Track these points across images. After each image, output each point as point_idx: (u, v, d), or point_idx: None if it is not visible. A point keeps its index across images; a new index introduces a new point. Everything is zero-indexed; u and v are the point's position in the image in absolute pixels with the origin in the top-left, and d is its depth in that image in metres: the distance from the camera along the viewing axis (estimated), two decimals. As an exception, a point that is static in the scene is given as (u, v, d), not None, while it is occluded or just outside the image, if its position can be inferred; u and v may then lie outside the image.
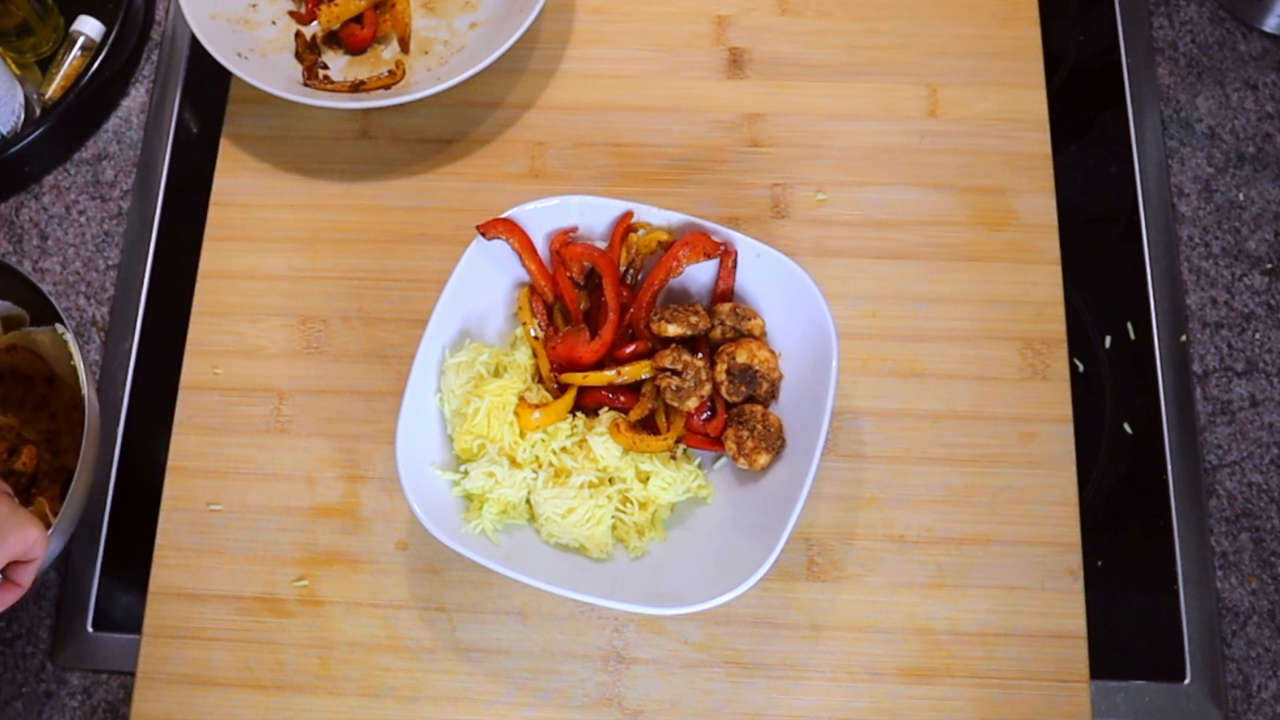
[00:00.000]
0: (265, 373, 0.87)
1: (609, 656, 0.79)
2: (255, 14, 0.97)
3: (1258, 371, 0.87)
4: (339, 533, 0.82)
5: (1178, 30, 0.99)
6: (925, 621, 0.79)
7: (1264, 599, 0.81)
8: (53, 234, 0.94)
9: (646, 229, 0.81)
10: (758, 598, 0.79)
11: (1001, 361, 0.85)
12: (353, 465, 0.84)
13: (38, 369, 0.83)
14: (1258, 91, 0.96)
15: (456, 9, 0.98)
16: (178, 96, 0.99)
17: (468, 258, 0.78)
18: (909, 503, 0.82)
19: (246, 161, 0.94)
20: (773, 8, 0.98)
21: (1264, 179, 0.93)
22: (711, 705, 0.78)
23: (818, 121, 0.94)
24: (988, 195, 0.90)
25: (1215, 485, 0.84)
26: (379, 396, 0.86)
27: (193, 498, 0.84)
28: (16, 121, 0.95)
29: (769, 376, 0.78)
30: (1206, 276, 0.90)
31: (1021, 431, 0.83)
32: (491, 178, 0.93)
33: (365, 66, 0.96)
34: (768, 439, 0.76)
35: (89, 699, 0.81)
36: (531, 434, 0.77)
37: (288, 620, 0.80)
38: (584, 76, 0.96)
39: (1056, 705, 0.77)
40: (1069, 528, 0.81)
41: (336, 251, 0.91)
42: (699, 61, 0.96)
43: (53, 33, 0.99)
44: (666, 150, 0.93)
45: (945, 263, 0.88)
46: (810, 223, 0.90)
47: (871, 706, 0.77)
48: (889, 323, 0.87)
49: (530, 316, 0.81)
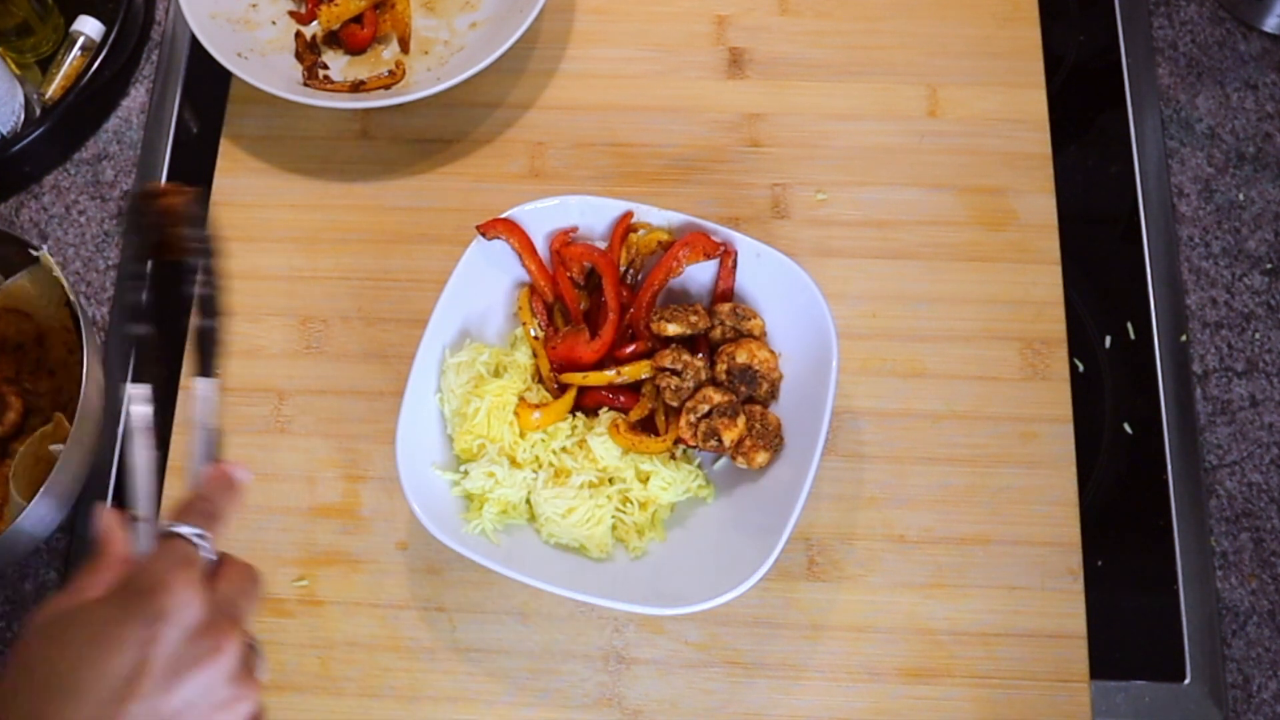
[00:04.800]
0: (265, 373, 0.87)
1: (609, 656, 0.79)
2: (255, 14, 0.97)
3: (1258, 371, 0.87)
4: (339, 533, 0.82)
5: (1178, 30, 0.99)
6: (925, 621, 0.79)
7: (1264, 599, 0.81)
8: (53, 234, 0.94)
9: (646, 229, 0.81)
10: (758, 598, 0.79)
11: (1001, 361, 0.85)
12: (353, 465, 0.84)
13: (25, 330, 0.83)
14: (1258, 91, 0.96)
15: (456, 9, 0.98)
16: (178, 96, 0.99)
17: (468, 258, 0.78)
18: (909, 503, 0.82)
19: (246, 161, 0.94)
20: (773, 8, 0.98)
21: (1264, 179, 0.93)
22: (711, 705, 0.78)
23: (818, 121, 0.94)
24: (988, 195, 0.90)
25: (1215, 485, 0.84)
26: (379, 396, 0.86)
27: (193, 498, 0.83)
28: (16, 121, 0.95)
29: (769, 376, 0.78)
30: (1206, 276, 0.90)
31: (1021, 431, 0.83)
32: (491, 178, 0.93)
33: (365, 66, 0.96)
34: (766, 437, 0.76)
35: (89, 699, 0.81)
36: (531, 434, 0.77)
37: (288, 620, 0.80)
38: (584, 76, 0.96)
39: (1056, 705, 0.77)
40: (1069, 528, 0.81)
41: (336, 251, 0.91)
42: (699, 61, 0.96)
43: (53, 33, 0.99)
44: (666, 150, 0.93)
45: (945, 263, 0.88)
46: (810, 223, 0.90)
47: (871, 706, 0.77)
48: (889, 323, 0.87)
49: (530, 316, 0.81)
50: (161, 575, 0.49)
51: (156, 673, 0.46)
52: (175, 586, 0.48)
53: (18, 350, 0.84)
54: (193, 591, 0.49)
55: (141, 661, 0.46)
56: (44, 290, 0.83)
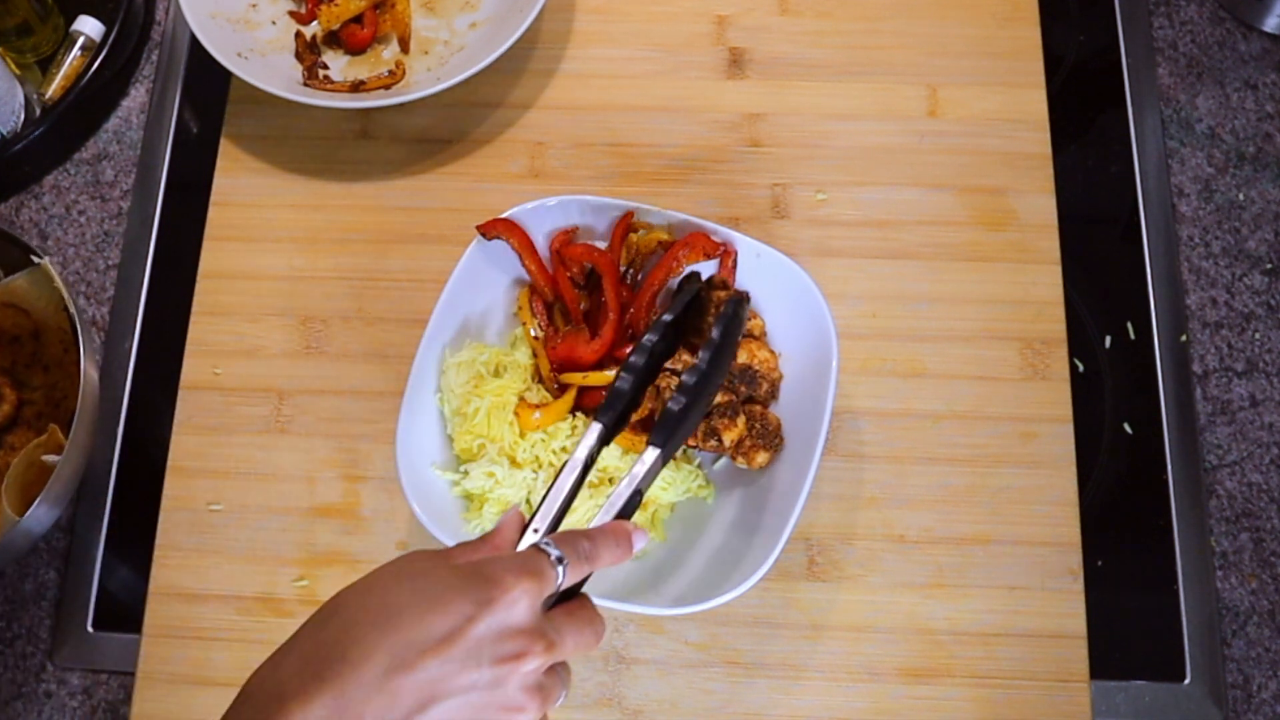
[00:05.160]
0: (265, 373, 0.87)
1: (609, 656, 0.79)
2: (255, 14, 0.97)
3: (1258, 371, 0.87)
4: (339, 533, 0.82)
5: (1178, 30, 0.99)
6: (925, 621, 0.79)
7: (1264, 599, 0.81)
8: (53, 234, 0.94)
9: (646, 229, 0.81)
10: (758, 598, 0.79)
11: (1001, 361, 0.85)
12: (353, 465, 0.84)
13: (22, 325, 0.84)
14: (1258, 91, 0.96)
15: (456, 9, 0.98)
16: (178, 96, 0.99)
17: (468, 258, 0.78)
18: (909, 503, 0.82)
19: (246, 161, 0.94)
20: (773, 8, 0.98)
21: (1264, 179, 0.93)
22: (711, 705, 0.78)
23: (818, 121, 0.94)
24: (988, 195, 0.90)
25: (1215, 485, 0.84)
26: (379, 396, 0.86)
27: (193, 498, 0.84)
28: (16, 121, 0.95)
29: (769, 376, 0.78)
30: (1206, 276, 0.90)
31: (1021, 431, 0.83)
32: (491, 178, 0.93)
33: (365, 66, 0.96)
34: (766, 437, 0.76)
35: (89, 699, 0.81)
36: (531, 434, 0.77)
37: (288, 620, 0.80)
38: (584, 76, 0.96)
39: (1056, 705, 0.77)
40: (1069, 528, 0.81)
41: (336, 251, 0.91)
42: (699, 61, 0.96)
43: (53, 33, 0.99)
44: (666, 150, 0.93)
45: (945, 263, 0.88)
46: (810, 223, 0.90)
47: (871, 706, 0.77)
48: (889, 323, 0.87)
49: (530, 316, 0.81)
50: (505, 573, 0.52)
51: (463, 646, 0.50)
52: (511, 587, 0.52)
53: (14, 344, 0.84)
54: (525, 598, 0.52)
55: (456, 631, 0.50)
56: (43, 292, 0.83)
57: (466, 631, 0.50)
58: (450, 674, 0.49)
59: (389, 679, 0.49)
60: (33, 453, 0.77)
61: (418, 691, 0.49)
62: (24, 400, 0.84)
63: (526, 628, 0.52)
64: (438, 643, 0.49)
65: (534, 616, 0.52)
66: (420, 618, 0.50)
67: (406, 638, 0.49)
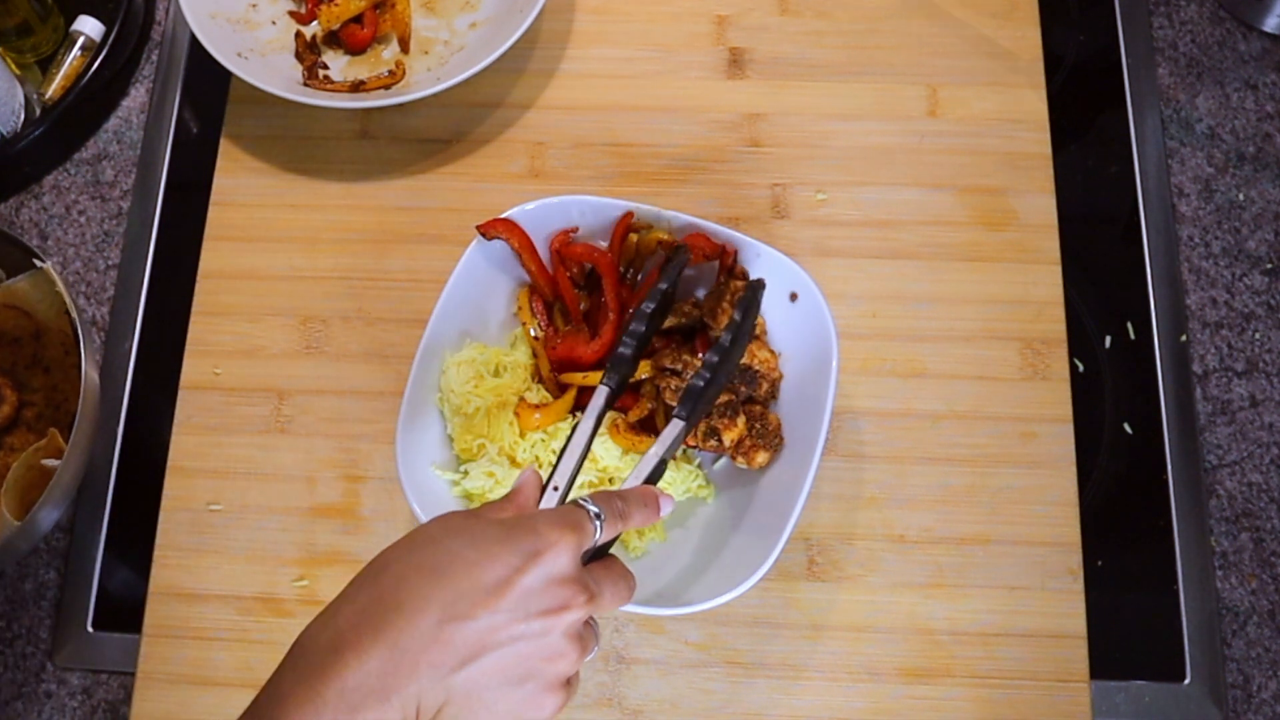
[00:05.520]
0: (265, 373, 0.87)
1: (609, 656, 0.79)
2: (255, 14, 0.97)
3: (1258, 371, 0.87)
4: (339, 533, 0.82)
5: (1178, 30, 0.99)
6: (925, 621, 0.79)
7: (1264, 599, 0.81)
8: (53, 234, 0.94)
9: (646, 229, 0.81)
10: (758, 598, 0.79)
11: (1001, 361, 0.85)
12: (353, 465, 0.84)
13: (23, 326, 0.84)
14: (1258, 91, 0.96)
15: (456, 9, 0.98)
16: (178, 96, 0.99)
17: (468, 258, 0.78)
18: (909, 503, 0.82)
19: (246, 161, 0.94)
20: (773, 8, 0.98)
21: (1264, 179, 0.93)
22: (711, 705, 0.78)
23: (818, 121, 0.94)
24: (988, 195, 0.90)
25: (1215, 485, 0.84)
26: (379, 396, 0.86)
27: (193, 498, 0.84)
28: (16, 121, 0.95)
29: (769, 376, 0.78)
30: (1206, 276, 0.90)
31: (1021, 431, 0.83)
32: (491, 178, 0.93)
33: (365, 66, 0.96)
34: (766, 437, 0.76)
35: (89, 699, 0.81)
36: (531, 434, 0.77)
37: (288, 620, 0.80)
38: (584, 76, 0.96)
39: (1056, 705, 0.77)
40: (1069, 528, 0.81)
41: (336, 251, 0.91)
42: (699, 61, 0.96)
43: (53, 33, 0.99)
44: (666, 150, 0.93)
45: (945, 263, 0.88)
46: (810, 223, 0.90)
47: (871, 706, 0.77)
48: (889, 323, 0.87)
49: (530, 316, 0.81)
50: (549, 527, 0.54)
51: (512, 596, 0.51)
52: (554, 538, 0.53)
53: (14, 345, 0.84)
54: (567, 549, 0.54)
55: (505, 581, 0.52)
56: (44, 295, 0.83)
57: (516, 582, 0.52)
58: (501, 624, 0.51)
59: (443, 629, 0.50)
60: (32, 457, 0.77)
61: (471, 641, 0.50)
62: (24, 402, 0.84)
63: (570, 578, 0.53)
64: (488, 593, 0.51)
65: (576, 568, 0.54)
66: (470, 569, 0.52)
67: (458, 588, 0.51)
